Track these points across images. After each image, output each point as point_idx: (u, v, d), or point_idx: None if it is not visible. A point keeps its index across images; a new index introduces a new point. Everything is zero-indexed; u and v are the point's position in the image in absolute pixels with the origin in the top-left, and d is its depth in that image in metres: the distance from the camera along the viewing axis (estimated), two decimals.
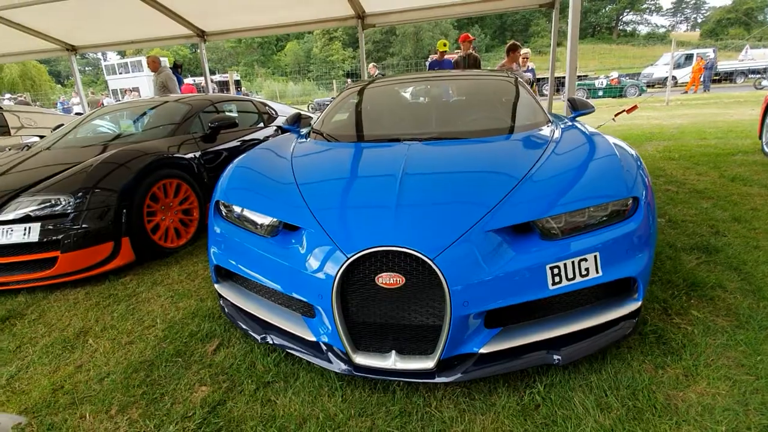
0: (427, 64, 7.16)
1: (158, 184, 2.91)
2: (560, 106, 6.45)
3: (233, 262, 1.79)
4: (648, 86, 20.24)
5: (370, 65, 8.93)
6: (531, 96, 2.64)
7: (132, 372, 1.75)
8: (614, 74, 19.65)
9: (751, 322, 1.81)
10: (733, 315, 1.89)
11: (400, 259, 1.40)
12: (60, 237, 2.45)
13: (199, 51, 7.46)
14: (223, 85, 19.72)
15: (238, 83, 23.83)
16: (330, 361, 1.55)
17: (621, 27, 57.30)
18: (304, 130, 2.72)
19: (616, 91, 18.38)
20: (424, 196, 1.61)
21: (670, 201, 3.52)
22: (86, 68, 54.81)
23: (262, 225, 1.74)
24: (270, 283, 1.63)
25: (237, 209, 1.85)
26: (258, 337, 1.75)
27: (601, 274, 1.47)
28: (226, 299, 1.91)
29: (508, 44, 5.66)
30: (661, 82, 19.77)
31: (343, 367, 1.52)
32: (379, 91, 2.90)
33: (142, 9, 6.01)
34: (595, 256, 1.46)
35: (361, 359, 1.48)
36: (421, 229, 1.45)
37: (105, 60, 35.75)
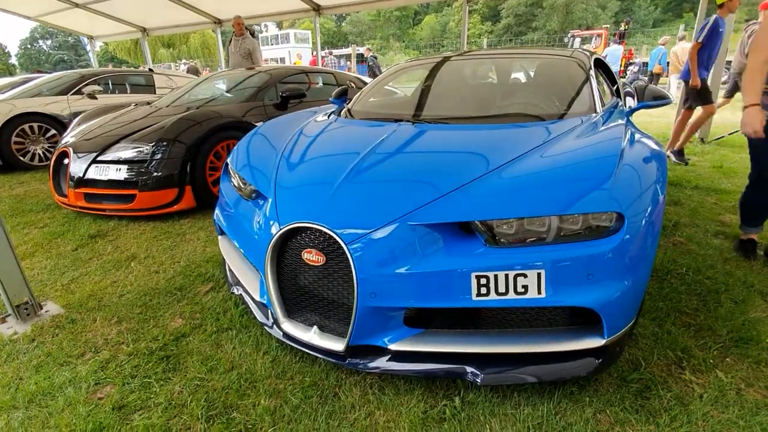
0: (710, 24, 4.18)
1: (222, 143, 3.32)
2: None
3: (222, 220, 2.00)
4: None
5: (365, 48, 8.39)
6: (589, 82, 2.22)
7: (142, 295, 2.13)
8: None
9: None
10: None
11: (324, 239, 1.40)
12: (138, 178, 3.02)
13: (318, 25, 7.96)
14: (347, 59, 20.75)
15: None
16: (270, 325, 1.66)
17: None
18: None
19: None
20: (374, 175, 1.55)
21: None
22: None
23: (246, 188, 1.90)
24: (235, 241, 1.79)
25: (235, 172, 2.03)
26: (231, 289, 1.95)
27: (543, 296, 1.25)
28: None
29: None
30: None
31: (276, 331, 1.61)
32: (417, 70, 2.77)
33: None
34: (539, 274, 1.25)
35: (288, 327, 1.55)
36: (350, 209, 1.42)
37: (263, 32, 40.46)
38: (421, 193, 1.42)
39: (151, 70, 6.66)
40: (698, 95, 4.41)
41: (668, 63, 9.78)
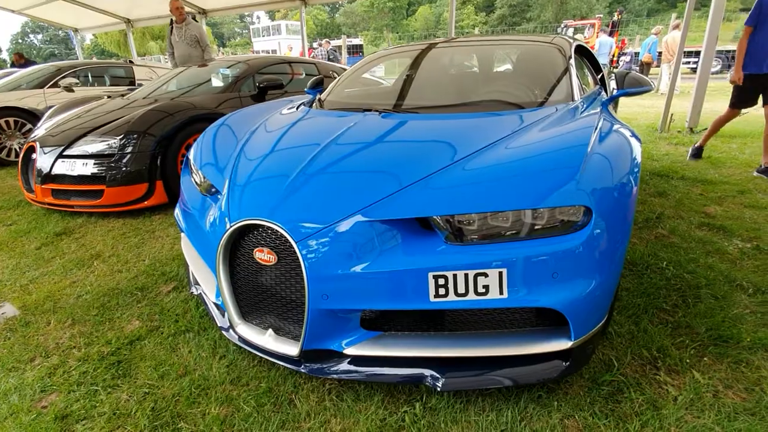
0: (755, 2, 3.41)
1: (195, 136, 3.20)
2: None
3: (180, 216, 1.90)
4: None
5: (324, 41, 8.19)
6: (568, 70, 2.12)
7: (101, 296, 2.03)
8: None
9: None
10: (755, 393, 1.35)
11: (276, 236, 1.31)
12: (107, 173, 2.90)
13: (306, 15, 7.79)
14: (339, 50, 20.48)
15: (360, 48, 24.44)
16: (226, 328, 1.57)
17: None
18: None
19: None
20: (331, 168, 1.46)
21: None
22: (243, 31, 62.32)
23: (204, 183, 1.80)
24: (190, 239, 1.70)
25: (195, 166, 1.93)
26: (191, 288, 1.86)
27: (505, 296, 1.17)
28: None
29: None
30: None
31: (232, 334, 1.52)
32: (394, 59, 2.66)
33: None
34: (500, 273, 1.16)
35: (242, 329, 1.47)
36: (303, 205, 1.32)
37: (253, 24, 39.92)
38: (378, 186, 1.33)
39: (131, 61, 6.49)
40: (739, 92, 3.50)
41: (659, 53, 9.68)
